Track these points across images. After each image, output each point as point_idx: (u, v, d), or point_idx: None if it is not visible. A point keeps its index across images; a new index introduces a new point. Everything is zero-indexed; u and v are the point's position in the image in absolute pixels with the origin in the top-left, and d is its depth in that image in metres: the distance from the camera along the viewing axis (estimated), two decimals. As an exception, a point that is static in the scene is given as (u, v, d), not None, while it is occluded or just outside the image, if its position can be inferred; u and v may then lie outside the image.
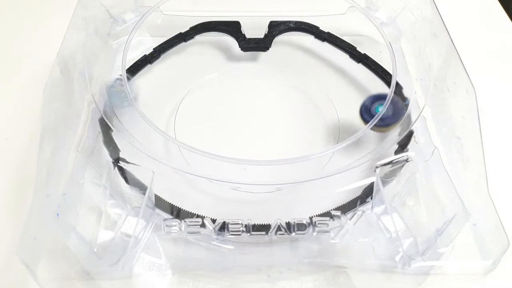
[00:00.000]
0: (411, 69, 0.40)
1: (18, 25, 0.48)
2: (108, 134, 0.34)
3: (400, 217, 0.31)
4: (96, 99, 0.35)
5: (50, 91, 0.34)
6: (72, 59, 0.37)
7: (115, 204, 0.31)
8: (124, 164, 0.32)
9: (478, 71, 0.36)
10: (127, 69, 0.39)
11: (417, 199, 0.32)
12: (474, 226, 0.31)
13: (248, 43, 0.42)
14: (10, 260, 0.31)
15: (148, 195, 0.31)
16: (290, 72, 0.43)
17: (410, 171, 0.33)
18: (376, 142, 0.37)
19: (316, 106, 0.41)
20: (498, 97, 0.42)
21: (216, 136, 0.38)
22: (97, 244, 0.29)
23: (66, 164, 0.33)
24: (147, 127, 0.33)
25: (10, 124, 0.39)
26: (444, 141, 0.35)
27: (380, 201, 0.31)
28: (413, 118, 0.35)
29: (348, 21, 0.44)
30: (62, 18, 0.38)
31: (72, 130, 0.35)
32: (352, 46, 0.42)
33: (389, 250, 0.29)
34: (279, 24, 0.43)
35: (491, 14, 0.50)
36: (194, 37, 0.43)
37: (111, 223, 0.30)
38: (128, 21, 0.43)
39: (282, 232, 0.29)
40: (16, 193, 0.35)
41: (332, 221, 0.30)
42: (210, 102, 0.41)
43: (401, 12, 0.43)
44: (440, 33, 0.38)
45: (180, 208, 0.32)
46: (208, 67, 0.44)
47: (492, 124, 0.36)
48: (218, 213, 0.30)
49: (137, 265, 0.29)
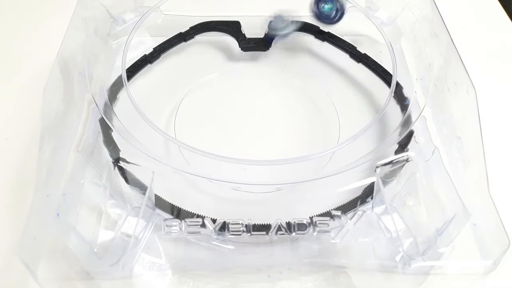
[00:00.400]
0: (411, 69, 0.40)
1: (18, 25, 0.48)
2: (108, 134, 0.34)
3: (400, 217, 0.31)
4: (96, 99, 0.35)
5: (50, 91, 0.34)
6: (72, 59, 0.37)
7: (115, 204, 0.31)
8: (124, 164, 0.32)
9: (478, 71, 0.36)
10: (127, 69, 0.39)
11: (417, 199, 0.32)
12: (475, 226, 0.31)
13: (248, 43, 0.42)
14: (10, 260, 0.31)
15: (148, 195, 0.31)
16: (290, 72, 0.43)
17: (410, 171, 0.33)
18: (376, 142, 0.37)
19: (316, 106, 0.41)
20: (498, 97, 0.42)
21: (216, 136, 0.38)
22: (97, 244, 0.29)
23: (66, 164, 0.33)
24: (147, 127, 0.33)
25: (10, 124, 0.39)
26: (444, 141, 0.35)
27: (380, 201, 0.31)
28: (413, 118, 0.35)
29: (348, 21, 0.44)
30: (62, 18, 0.38)
31: (72, 130, 0.35)
32: (352, 46, 0.42)
33: (389, 250, 0.29)
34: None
35: (491, 14, 0.50)
36: (194, 37, 0.43)
37: (111, 223, 0.30)
38: (128, 21, 0.43)
39: (283, 232, 0.29)
40: (16, 193, 0.35)
41: (333, 221, 0.30)
42: (210, 102, 0.41)
43: (401, 12, 0.43)
44: (440, 33, 0.38)
45: (180, 208, 0.31)
46: (208, 67, 0.44)
47: (492, 124, 0.36)
48: (219, 213, 0.30)
49: (137, 265, 0.29)
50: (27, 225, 0.28)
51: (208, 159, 0.31)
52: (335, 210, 0.31)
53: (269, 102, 0.41)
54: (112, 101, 0.37)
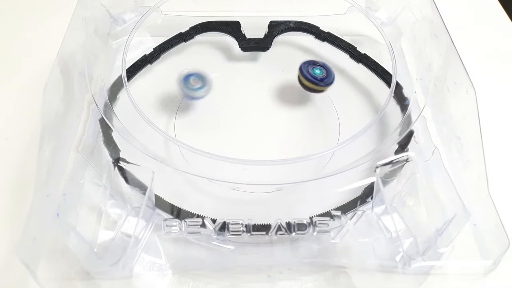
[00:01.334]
0: (411, 69, 0.40)
1: (18, 25, 0.48)
2: (108, 134, 0.34)
3: (400, 217, 0.31)
4: (96, 99, 0.35)
5: (50, 91, 0.34)
6: (72, 59, 0.37)
7: (115, 204, 0.31)
8: (124, 164, 0.32)
9: (478, 71, 0.36)
10: (127, 69, 0.39)
11: (417, 199, 0.32)
12: (474, 226, 0.31)
13: (248, 43, 0.42)
14: (10, 260, 0.31)
15: (148, 195, 0.31)
16: (290, 72, 0.43)
17: (410, 171, 0.33)
18: (376, 142, 0.37)
19: (316, 106, 0.41)
20: (498, 97, 0.42)
21: (216, 136, 0.38)
22: (97, 244, 0.29)
23: (66, 164, 0.33)
24: (147, 127, 0.33)
25: (10, 124, 0.39)
26: (444, 141, 0.35)
27: (380, 201, 0.31)
28: (413, 118, 0.35)
29: (348, 21, 0.44)
30: (62, 18, 0.38)
31: (72, 130, 0.35)
32: (352, 46, 0.42)
33: (389, 250, 0.29)
34: (279, 24, 0.43)
35: (491, 14, 0.50)
36: (194, 37, 0.43)
37: (111, 223, 0.30)
38: (128, 21, 0.43)
39: (283, 232, 0.29)
40: (16, 193, 0.35)
41: (333, 221, 0.30)
42: (210, 102, 0.41)
43: (401, 12, 0.43)
44: (440, 33, 0.38)
45: (180, 208, 0.32)
46: (208, 67, 0.44)
47: (492, 124, 0.36)
48: (218, 213, 0.30)
49: (137, 265, 0.29)
50: (27, 225, 0.28)
51: (208, 159, 0.31)
52: (335, 210, 0.31)
53: (269, 102, 0.41)
54: (112, 101, 0.37)
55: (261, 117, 0.40)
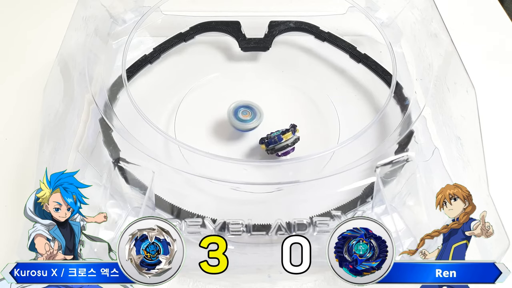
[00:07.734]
0: (411, 69, 0.40)
1: (18, 25, 0.48)
2: (108, 134, 0.34)
3: (400, 217, 0.31)
4: (96, 99, 0.35)
5: (50, 91, 0.34)
6: (72, 59, 0.37)
7: (115, 204, 0.31)
8: (124, 164, 0.32)
9: (478, 71, 0.36)
10: (127, 69, 0.39)
11: (417, 199, 0.32)
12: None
13: (248, 43, 0.42)
14: (10, 260, 0.31)
15: (148, 195, 0.31)
16: (290, 72, 0.43)
17: (410, 171, 0.33)
18: (376, 142, 0.37)
19: (316, 106, 0.41)
20: (498, 97, 0.42)
21: (216, 136, 0.38)
22: (97, 244, 0.29)
23: (66, 164, 0.33)
24: (147, 127, 0.33)
25: (10, 124, 0.39)
26: (444, 141, 0.35)
27: (380, 201, 0.31)
28: (413, 118, 0.35)
29: (348, 21, 0.44)
30: (62, 18, 0.38)
31: (72, 130, 0.35)
32: (352, 46, 0.42)
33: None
34: (279, 24, 0.43)
35: (491, 14, 0.50)
36: (194, 37, 0.43)
37: (111, 223, 0.30)
38: (128, 21, 0.43)
39: (283, 232, 0.29)
40: (16, 193, 0.35)
41: (333, 221, 0.30)
42: (210, 102, 0.41)
43: (401, 12, 0.43)
44: (440, 33, 0.38)
45: (181, 208, 0.32)
46: (208, 67, 0.44)
47: (492, 124, 0.36)
48: (219, 213, 0.30)
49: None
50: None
51: (208, 159, 0.31)
52: (335, 210, 0.31)
53: (269, 102, 0.41)
54: (112, 101, 0.37)
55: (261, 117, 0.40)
